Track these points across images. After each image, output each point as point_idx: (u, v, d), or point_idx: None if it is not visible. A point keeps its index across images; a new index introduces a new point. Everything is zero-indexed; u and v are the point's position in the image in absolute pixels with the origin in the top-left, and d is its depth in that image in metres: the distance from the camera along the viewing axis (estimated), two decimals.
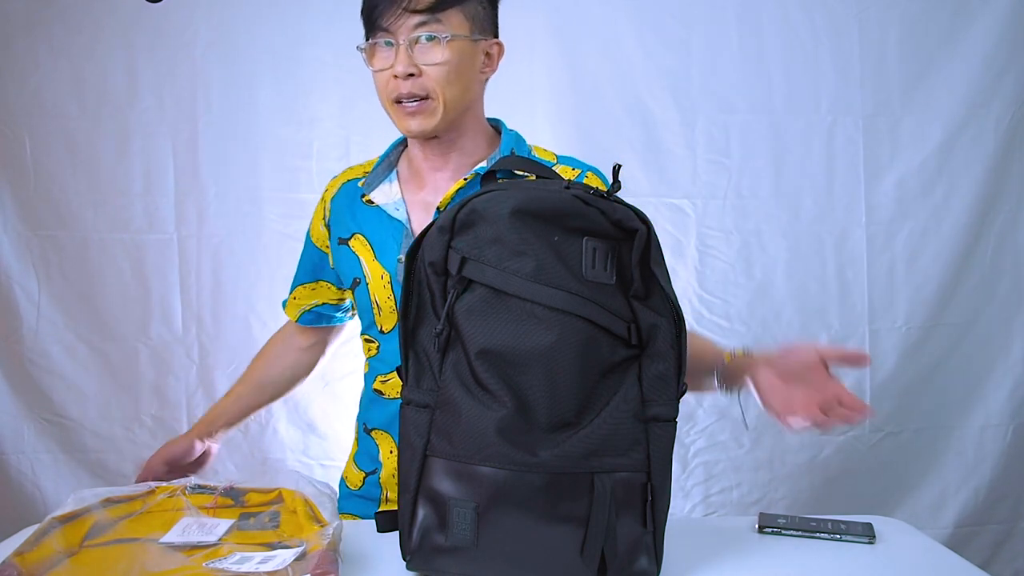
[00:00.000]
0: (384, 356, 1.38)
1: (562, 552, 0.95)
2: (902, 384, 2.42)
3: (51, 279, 2.32)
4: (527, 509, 0.95)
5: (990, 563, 2.46)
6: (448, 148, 1.34)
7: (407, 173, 1.40)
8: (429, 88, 1.25)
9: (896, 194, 2.39)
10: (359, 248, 1.38)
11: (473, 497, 0.95)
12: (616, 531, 0.96)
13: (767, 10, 2.35)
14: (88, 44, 2.28)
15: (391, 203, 1.36)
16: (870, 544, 1.15)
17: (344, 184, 1.45)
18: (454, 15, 1.24)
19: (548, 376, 0.95)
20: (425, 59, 1.23)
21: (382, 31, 1.24)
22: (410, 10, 1.21)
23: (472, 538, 0.95)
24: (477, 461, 0.94)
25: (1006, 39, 2.34)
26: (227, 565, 0.94)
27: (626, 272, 1.00)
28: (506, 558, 0.96)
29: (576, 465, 0.95)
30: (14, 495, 2.33)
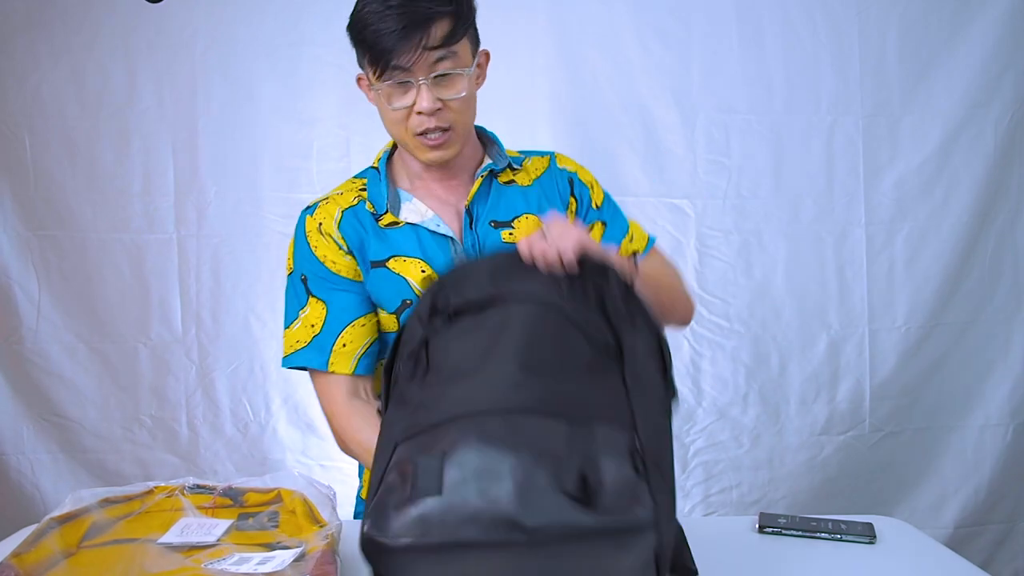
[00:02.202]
0: None
1: (537, 484, 0.85)
2: (902, 384, 2.42)
3: (51, 279, 2.32)
4: (496, 443, 0.87)
5: (990, 563, 2.46)
6: (456, 161, 1.35)
7: (413, 186, 1.37)
8: (451, 120, 1.26)
9: (896, 194, 2.39)
10: (404, 268, 1.32)
11: (439, 449, 0.87)
12: (599, 466, 0.87)
13: (767, 10, 2.35)
14: (88, 44, 2.28)
15: (428, 220, 1.33)
16: (871, 544, 1.14)
17: (344, 211, 1.36)
18: (462, 44, 1.25)
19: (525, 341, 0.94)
20: (446, 93, 1.24)
21: (400, 70, 1.21)
22: (428, 47, 1.20)
23: (436, 486, 0.85)
24: (446, 421, 0.89)
25: (1006, 39, 2.35)
26: (226, 566, 0.93)
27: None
28: (475, 495, 0.86)
29: (551, 406, 0.90)
30: (14, 495, 2.33)
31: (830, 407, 2.42)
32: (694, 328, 2.39)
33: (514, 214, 1.36)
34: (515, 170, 1.40)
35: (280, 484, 1.14)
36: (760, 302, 2.40)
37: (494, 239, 1.34)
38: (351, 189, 1.39)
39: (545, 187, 1.40)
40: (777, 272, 2.40)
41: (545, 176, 1.41)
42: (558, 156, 1.45)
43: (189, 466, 2.35)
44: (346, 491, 1.72)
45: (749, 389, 2.41)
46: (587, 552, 0.82)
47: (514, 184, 1.39)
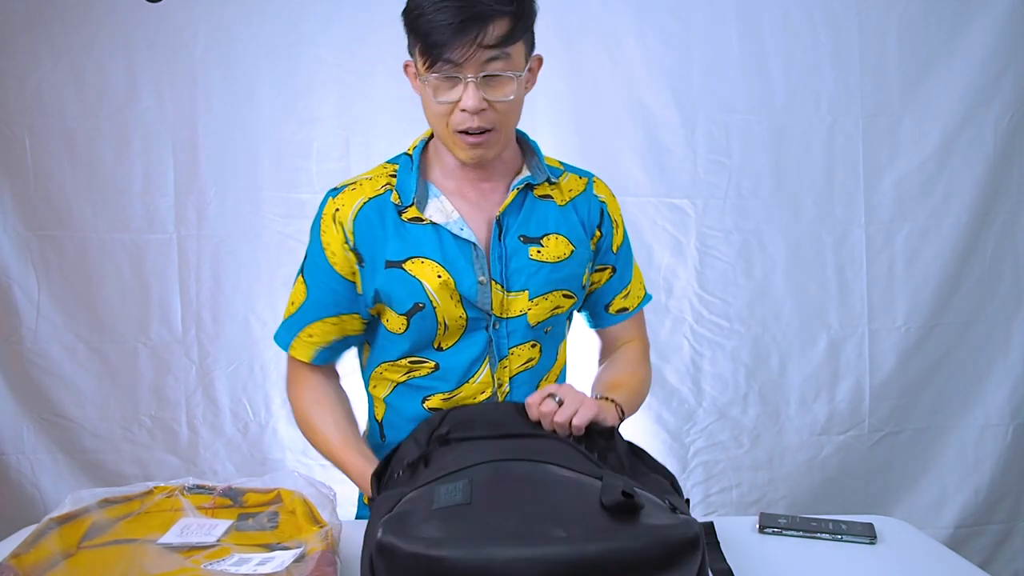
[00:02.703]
0: (445, 373, 1.33)
1: (572, 495, 0.90)
2: (902, 384, 2.43)
3: (51, 279, 2.32)
4: (514, 467, 0.94)
5: (990, 563, 2.46)
6: (493, 163, 1.32)
7: (444, 182, 1.34)
8: (496, 121, 1.23)
9: (896, 194, 2.39)
10: (422, 271, 1.28)
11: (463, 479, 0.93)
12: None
13: (767, 10, 2.35)
14: (88, 44, 2.28)
15: (452, 222, 1.29)
16: (871, 544, 1.15)
17: (365, 203, 1.32)
18: (518, 46, 1.21)
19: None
20: (494, 95, 1.20)
21: (450, 64, 1.17)
22: (483, 45, 1.16)
23: (466, 497, 0.88)
24: (449, 473, 0.96)
25: (1006, 39, 2.35)
26: (226, 567, 0.93)
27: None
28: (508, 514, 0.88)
29: (538, 456, 1.00)
30: (14, 495, 2.33)
31: (830, 407, 2.42)
32: (694, 328, 2.39)
33: (545, 231, 1.33)
34: (552, 184, 1.36)
35: (280, 484, 1.14)
36: (760, 302, 2.40)
37: (522, 254, 1.31)
38: (381, 175, 1.35)
39: (579, 210, 1.37)
40: (777, 272, 2.40)
41: (580, 199, 1.38)
42: (596, 181, 1.42)
43: (189, 466, 2.35)
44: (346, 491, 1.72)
45: (749, 389, 2.41)
46: (630, 563, 0.82)
47: (549, 199, 1.36)
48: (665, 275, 2.39)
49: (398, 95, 2.30)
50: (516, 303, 1.31)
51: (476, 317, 1.31)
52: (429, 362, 1.34)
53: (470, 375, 1.33)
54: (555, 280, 1.33)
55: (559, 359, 1.42)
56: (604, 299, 1.45)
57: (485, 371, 1.33)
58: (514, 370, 1.34)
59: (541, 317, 1.33)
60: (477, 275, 1.29)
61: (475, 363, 1.32)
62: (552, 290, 1.33)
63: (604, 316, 1.46)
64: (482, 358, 1.32)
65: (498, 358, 1.33)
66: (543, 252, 1.32)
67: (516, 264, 1.30)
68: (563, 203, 1.36)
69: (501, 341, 1.32)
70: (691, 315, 2.39)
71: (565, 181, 1.39)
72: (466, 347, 1.32)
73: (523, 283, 1.31)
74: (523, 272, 1.31)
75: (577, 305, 1.40)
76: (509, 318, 1.32)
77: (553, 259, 1.32)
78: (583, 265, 1.36)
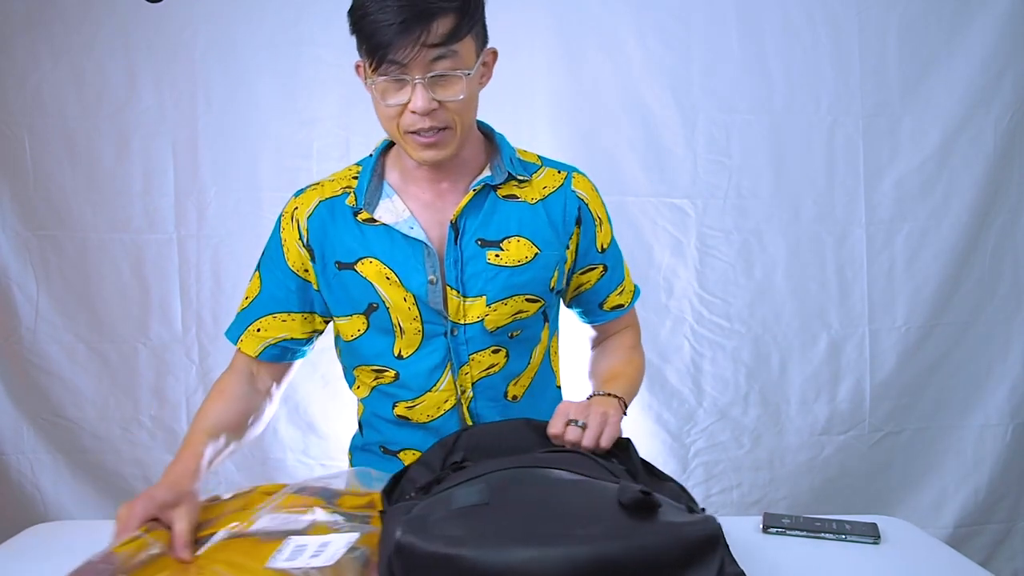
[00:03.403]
0: (406, 382, 1.33)
1: (592, 496, 0.90)
2: (902, 384, 2.43)
3: (50, 279, 2.32)
4: (529, 472, 0.94)
5: (989, 562, 2.46)
6: (452, 162, 1.28)
7: (402, 184, 1.32)
8: (448, 120, 1.19)
9: (896, 194, 2.40)
10: (370, 272, 1.28)
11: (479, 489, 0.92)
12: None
13: (767, 10, 2.35)
14: (88, 44, 2.28)
15: (402, 222, 1.27)
16: (875, 544, 1.15)
17: (321, 202, 1.32)
18: (466, 42, 1.17)
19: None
20: (444, 94, 1.17)
21: (395, 65, 1.14)
22: (427, 44, 1.13)
23: (484, 498, 0.88)
24: (463, 481, 0.96)
25: (1006, 39, 2.35)
26: (279, 563, 0.92)
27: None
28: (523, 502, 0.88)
29: (555, 464, 1.00)
30: (13, 495, 2.33)
31: (830, 407, 2.42)
32: (694, 328, 2.39)
33: (505, 234, 1.29)
34: (522, 183, 1.32)
35: (372, 488, 1.12)
36: (760, 302, 2.40)
37: (479, 258, 1.28)
38: (344, 177, 1.35)
39: (552, 210, 1.32)
40: (777, 272, 2.40)
41: (553, 197, 1.33)
42: (576, 177, 1.37)
43: None
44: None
45: (750, 389, 2.41)
46: (650, 561, 0.81)
47: (516, 199, 1.31)
48: (665, 275, 2.39)
49: None
50: (473, 308, 1.29)
51: (432, 321, 1.29)
52: (389, 371, 1.33)
53: (431, 383, 1.32)
54: (515, 285, 1.29)
55: (532, 362, 1.38)
56: (598, 297, 1.43)
57: (447, 379, 1.32)
58: (475, 376, 1.32)
59: (500, 322, 1.30)
60: (427, 274, 1.27)
61: (435, 370, 1.31)
62: (512, 295, 1.29)
63: (599, 313, 1.46)
64: (443, 365, 1.31)
65: (458, 365, 1.31)
66: (502, 256, 1.28)
67: (473, 268, 1.28)
68: (533, 202, 1.32)
69: (460, 348, 1.30)
70: (691, 315, 2.39)
71: (540, 178, 1.34)
72: (425, 355, 1.31)
73: (480, 288, 1.28)
74: (480, 277, 1.28)
75: (548, 308, 1.38)
76: (467, 324, 1.29)
77: (513, 263, 1.29)
78: (549, 268, 1.32)
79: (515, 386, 1.37)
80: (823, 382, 2.41)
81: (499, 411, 1.35)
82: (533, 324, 1.35)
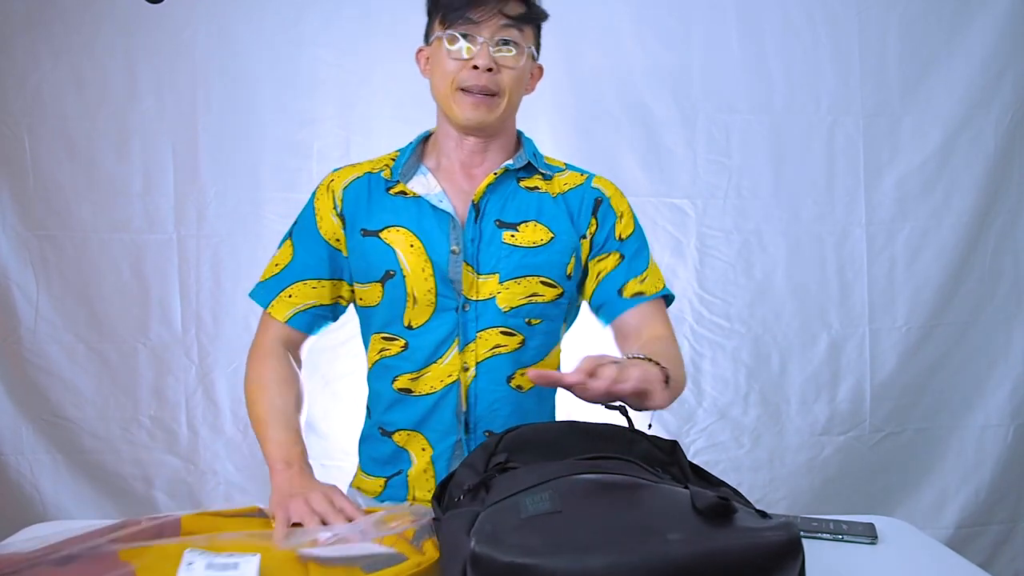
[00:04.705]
0: (412, 354, 1.36)
1: (668, 502, 0.87)
2: (902, 384, 2.43)
3: (50, 279, 2.32)
4: (595, 479, 0.90)
5: (990, 563, 2.46)
6: (487, 145, 1.38)
7: (438, 167, 1.41)
8: (501, 86, 1.32)
9: (896, 194, 2.39)
10: (396, 239, 1.35)
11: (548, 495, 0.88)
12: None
13: (767, 10, 2.35)
14: (88, 44, 2.28)
15: (433, 195, 1.36)
16: (872, 544, 1.15)
17: (358, 177, 1.41)
18: (528, 30, 1.34)
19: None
20: (504, 61, 1.31)
21: (469, 23, 1.29)
22: (502, 13, 1.29)
23: (555, 506, 0.85)
24: (525, 488, 0.92)
25: (1006, 39, 2.35)
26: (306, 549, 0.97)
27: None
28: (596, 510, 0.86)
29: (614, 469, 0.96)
30: (13, 495, 2.32)
31: (830, 407, 2.42)
32: (694, 328, 2.39)
33: (522, 218, 1.36)
34: (545, 178, 1.40)
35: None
36: (760, 302, 2.40)
37: (496, 237, 1.34)
38: (382, 159, 1.44)
39: (571, 202, 1.39)
40: (777, 272, 2.40)
41: (574, 191, 1.40)
42: (598, 177, 1.44)
43: (189, 466, 2.35)
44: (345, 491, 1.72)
45: (750, 389, 2.41)
46: (732, 567, 0.80)
47: (537, 190, 1.39)
48: (665, 275, 2.34)
49: (398, 95, 2.31)
50: (486, 286, 1.34)
51: (445, 294, 1.34)
52: (399, 339, 1.37)
53: (437, 356, 1.35)
54: (529, 265, 1.34)
55: (550, 361, 1.40)
56: (616, 284, 1.39)
57: (453, 353, 1.35)
58: (480, 355, 1.35)
59: (513, 302, 1.34)
60: (451, 244, 1.33)
61: (443, 344, 1.35)
62: (525, 275, 1.34)
63: (617, 302, 1.39)
64: (450, 339, 1.34)
65: (464, 341, 1.34)
66: (517, 237, 1.35)
67: (489, 246, 1.34)
68: (554, 194, 1.39)
69: (469, 324, 1.34)
70: (691, 315, 2.39)
71: (562, 177, 1.42)
72: (435, 327, 1.35)
73: (493, 266, 1.34)
74: (494, 255, 1.34)
75: (566, 299, 1.39)
76: (478, 300, 1.34)
77: (528, 244, 1.35)
78: (565, 253, 1.37)
79: (523, 376, 1.37)
80: (823, 382, 2.41)
81: (500, 395, 1.36)
82: (553, 315, 1.38)
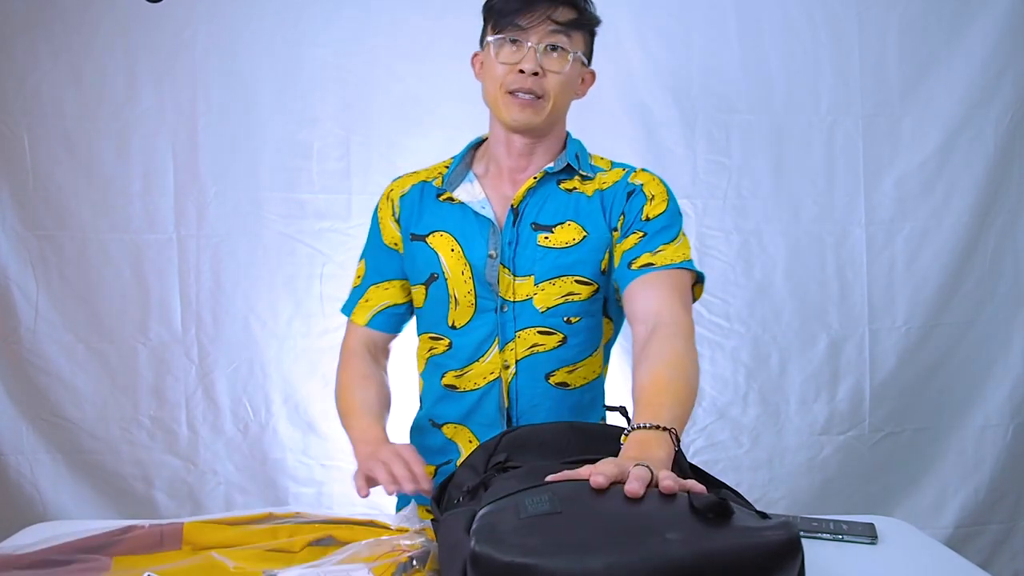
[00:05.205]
0: (457, 352, 1.43)
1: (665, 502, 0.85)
2: (902, 384, 2.43)
3: (49, 279, 2.32)
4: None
5: (990, 563, 2.46)
6: (533, 147, 1.41)
7: (485, 173, 1.45)
8: (547, 89, 1.35)
9: (896, 194, 2.39)
10: (439, 244, 1.42)
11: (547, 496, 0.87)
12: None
13: (767, 10, 2.35)
14: (87, 44, 2.28)
15: (476, 201, 1.42)
16: (872, 544, 1.15)
17: (413, 185, 1.49)
18: (577, 36, 1.37)
19: None
20: (550, 65, 1.34)
21: (518, 29, 1.33)
22: (551, 19, 1.33)
23: (554, 506, 0.84)
24: (522, 489, 0.91)
25: (1006, 39, 2.35)
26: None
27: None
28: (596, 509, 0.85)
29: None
30: (13, 495, 2.32)
31: (830, 407, 2.42)
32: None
33: (558, 220, 1.39)
34: (585, 180, 1.41)
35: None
36: (760, 302, 2.40)
37: (531, 240, 1.39)
38: (437, 167, 1.50)
39: (606, 199, 1.40)
40: (777, 272, 2.40)
41: (611, 189, 1.41)
42: (638, 171, 1.44)
43: (189, 466, 2.35)
44: (345, 490, 1.72)
45: (749, 389, 2.41)
46: (732, 567, 0.78)
47: (575, 191, 1.41)
48: None
49: (398, 95, 2.31)
50: (523, 287, 1.38)
51: (485, 296, 1.39)
52: (444, 339, 1.44)
53: (479, 354, 1.41)
54: (562, 265, 1.38)
55: (592, 361, 1.43)
56: (628, 258, 1.35)
57: (494, 352, 1.40)
58: (520, 354, 1.40)
59: (550, 303, 1.38)
60: (488, 249, 1.39)
61: (484, 343, 1.40)
62: (560, 275, 1.38)
63: (626, 274, 1.34)
64: (491, 339, 1.40)
65: (504, 340, 1.39)
66: (551, 239, 1.38)
67: (524, 249, 1.38)
68: (591, 193, 1.41)
69: (507, 324, 1.39)
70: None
71: (605, 176, 1.43)
72: (477, 327, 1.41)
73: (529, 268, 1.38)
74: (530, 257, 1.38)
75: (604, 296, 1.41)
76: (516, 301, 1.39)
77: (561, 245, 1.38)
78: (599, 250, 1.39)
79: (569, 374, 1.41)
80: (823, 382, 2.41)
81: (540, 392, 1.41)
82: (592, 312, 1.41)
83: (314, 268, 2.34)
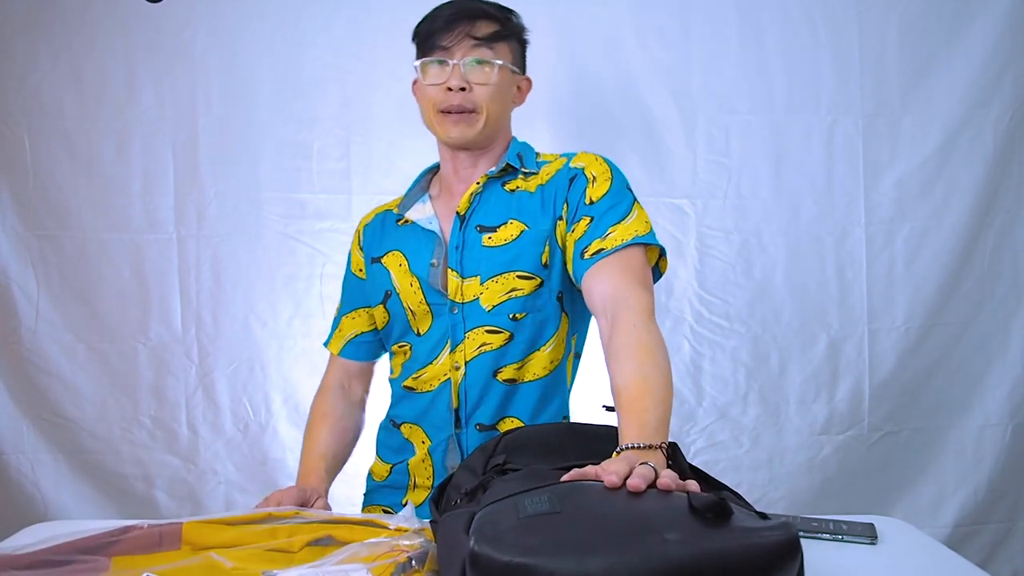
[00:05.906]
0: (417, 355, 1.49)
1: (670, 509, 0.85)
2: (901, 384, 2.42)
3: (50, 279, 2.32)
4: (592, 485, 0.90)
5: (989, 562, 2.46)
6: (476, 161, 1.48)
7: (439, 194, 1.53)
8: (476, 103, 1.41)
9: (896, 194, 2.39)
10: (390, 262, 1.51)
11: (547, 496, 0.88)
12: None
13: (767, 10, 2.35)
14: (87, 44, 2.28)
15: (424, 219, 1.49)
16: (872, 544, 1.15)
17: (378, 214, 1.60)
18: (502, 47, 1.43)
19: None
20: (476, 78, 1.40)
21: (440, 50, 1.40)
22: (470, 36, 1.39)
23: (553, 507, 0.84)
24: (518, 492, 0.91)
25: (1006, 39, 2.35)
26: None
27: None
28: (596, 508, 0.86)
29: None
30: (13, 495, 2.32)
31: (830, 407, 2.42)
32: (694, 328, 2.39)
33: (502, 220, 1.43)
34: (528, 176, 1.46)
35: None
36: (760, 302, 2.40)
37: (476, 242, 1.43)
38: (402, 196, 1.57)
39: (545, 193, 1.44)
40: (777, 272, 2.40)
41: (551, 180, 1.44)
42: (578, 155, 1.47)
43: (189, 466, 2.35)
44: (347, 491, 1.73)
45: (749, 389, 2.41)
46: (731, 567, 0.79)
47: (519, 191, 1.45)
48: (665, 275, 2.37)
49: (398, 95, 2.30)
50: (470, 288, 1.43)
51: (437, 302, 1.45)
52: (407, 345, 1.52)
53: (432, 357, 1.47)
54: (504, 262, 1.41)
55: (542, 356, 1.42)
56: (580, 248, 1.35)
57: (445, 354, 1.45)
58: (469, 355, 1.43)
59: (495, 300, 1.41)
60: (432, 258, 1.45)
61: (437, 346, 1.46)
62: (502, 272, 1.41)
63: (580, 266, 1.34)
64: (443, 341, 1.45)
65: (455, 342, 1.44)
66: (493, 238, 1.43)
67: (471, 252, 1.43)
68: (533, 189, 1.44)
69: (458, 326, 1.44)
70: (691, 315, 2.39)
71: (548, 167, 1.47)
72: (433, 331, 1.47)
73: (475, 269, 1.43)
74: (476, 258, 1.43)
75: (550, 289, 1.41)
76: (465, 303, 1.43)
77: (502, 242, 1.43)
78: (539, 243, 1.41)
79: (518, 371, 1.43)
80: (822, 382, 2.41)
81: (490, 391, 1.43)
82: (539, 307, 1.42)
83: (314, 268, 2.34)
